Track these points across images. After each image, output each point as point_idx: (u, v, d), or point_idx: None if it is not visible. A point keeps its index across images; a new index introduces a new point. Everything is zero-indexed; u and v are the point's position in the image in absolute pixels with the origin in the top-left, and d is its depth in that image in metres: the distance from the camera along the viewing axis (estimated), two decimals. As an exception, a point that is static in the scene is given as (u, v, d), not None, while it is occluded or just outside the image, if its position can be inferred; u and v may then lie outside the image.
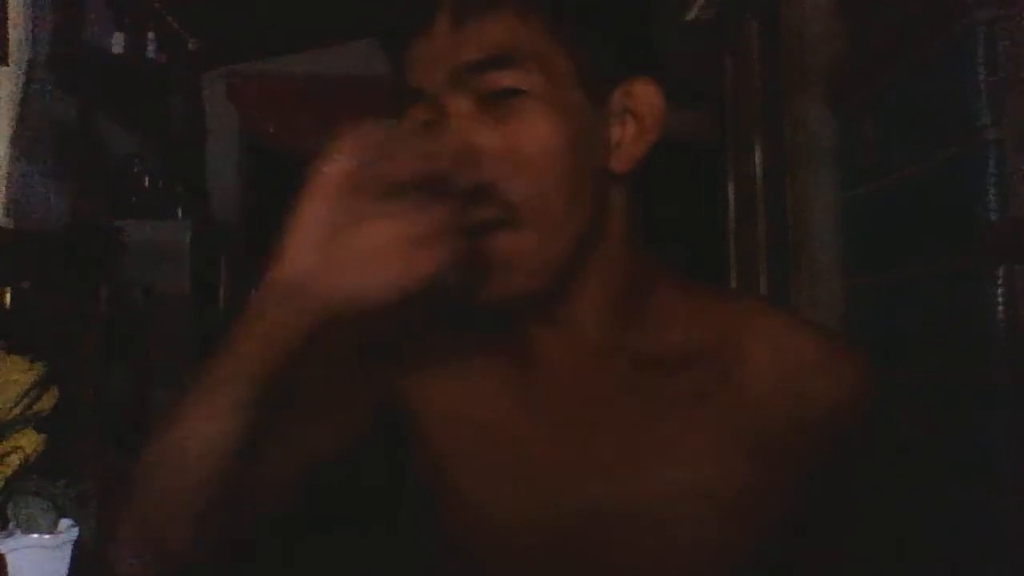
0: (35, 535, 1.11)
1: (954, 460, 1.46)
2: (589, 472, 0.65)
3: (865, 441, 0.66)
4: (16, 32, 2.11)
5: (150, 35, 2.77)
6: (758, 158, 2.47)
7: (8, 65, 2.08)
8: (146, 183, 2.85)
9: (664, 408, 0.65)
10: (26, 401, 1.16)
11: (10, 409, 1.13)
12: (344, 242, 0.55)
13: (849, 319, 1.92)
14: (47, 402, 1.19)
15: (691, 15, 2.92)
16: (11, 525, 1.13)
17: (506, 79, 0.60)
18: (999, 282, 1.33)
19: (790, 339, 0.66)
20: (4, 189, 2.06)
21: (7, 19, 2.07)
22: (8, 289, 1.74)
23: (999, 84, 1.35)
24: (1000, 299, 1.32)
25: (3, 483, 1.11)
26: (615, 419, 0.66)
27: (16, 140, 2.11)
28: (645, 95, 0.65)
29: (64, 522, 1.15)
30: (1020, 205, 1.32)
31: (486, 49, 0.60)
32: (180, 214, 2.87)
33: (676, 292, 0.69)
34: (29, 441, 1.14)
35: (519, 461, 0.67)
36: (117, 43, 2.61)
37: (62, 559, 1.12)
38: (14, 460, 1.11)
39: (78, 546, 1.15)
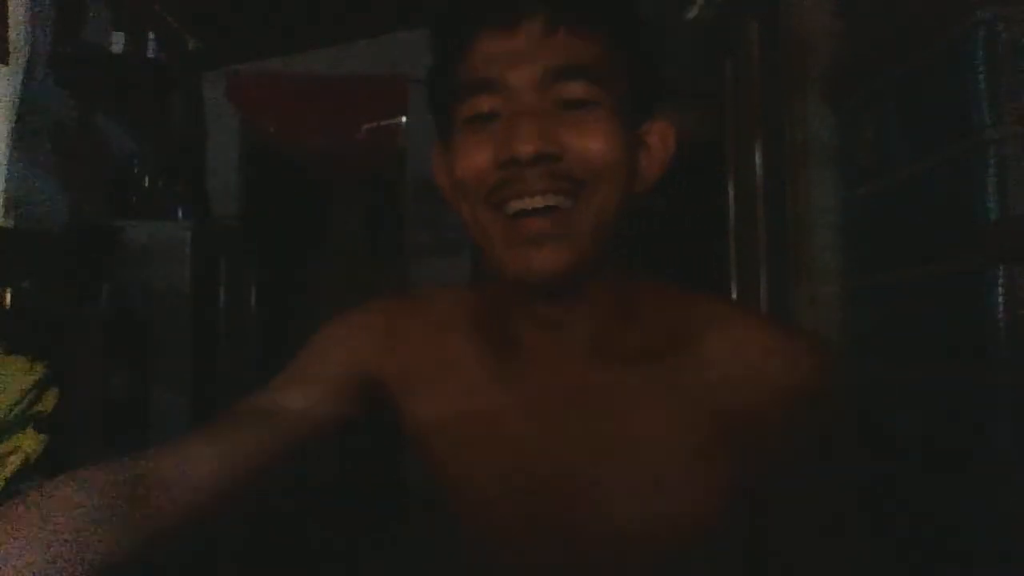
0: (35, 535, 1.11)
1: (955, 460, 1.46)
2: (567, 451, 0.75)
3: (822, 421, 0.74)
4: (16, 32, 2.11)
5: (150, 35, 2.77)
6: (758, 158, 2.47)
7: (8, 65, 2.08)
8: (146, 183, 2.84)
9: (638, 396, 0.75)
10: (26, 401, 1.16)
11: (10, 409, 1.13)
12: None
13: (849, 319, 1.93)
14: (47, 402, 1.19)
15: (691, 15, 2.92)
16: (11, 525, 1.12)
17: (587, 90, 0.70)
18: (999, 282, 1.33)
19: (747, 331, 0.75)
20: (4, 189, 2.06)
21: (7, 19, 2.07)
22: (8, 289, 1.74)
23: (999, 84, 1.35)
24: (1000, 299, 1.33)
25: (3, 483, 1.11)
26: (593, 405, 0.75)
27: (16, 140, 2.11)
28: (665, 134, 0.77)
29: (64, 522, 1.14)
30: (1020, 205, 1.32)
31: (577, 59, 0.69)
32: (180, 214, 2.86)
33: (649, 292, 0.79)
34: (29, 441, 1.14)
35: (501, 440, 0.77)
36: (117, 43, 2.61)
37: (62, 559, 1.12)
38: (15, 460, 1.12)
39: (78, 546, 1.14)
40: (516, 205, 0.70)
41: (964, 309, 1.42)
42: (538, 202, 0.69)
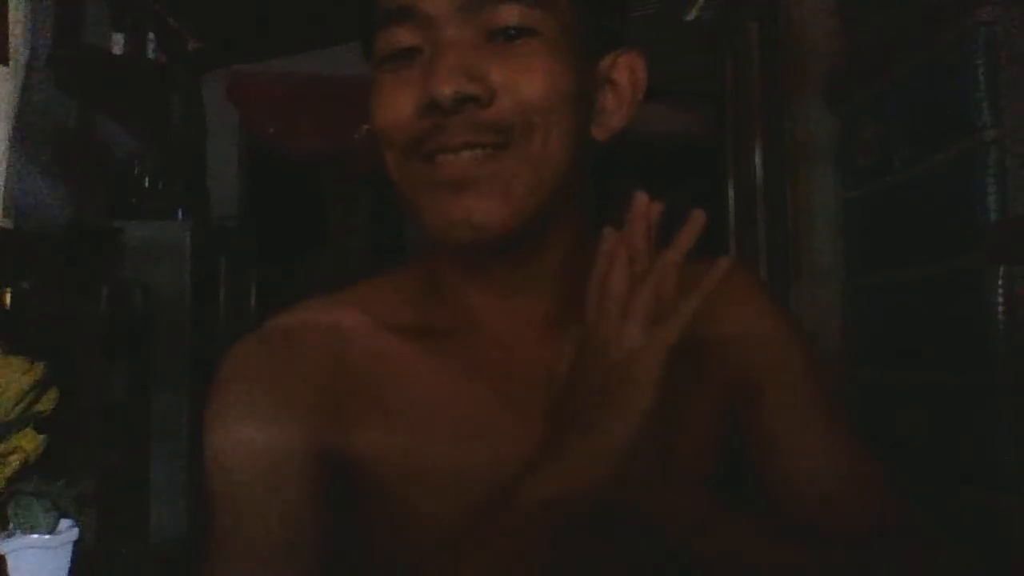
0: (35, 535, 1.11)
1: (955, 460, 1.46)
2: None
3: (782, 327, 0.71)
4: (16, 32, 2.11)
5: (150, 35, 2.77)
6: (758, 158, 2.47)
7: (8, 65, 2.08)
8: (146, 183, 2.84)
9: None
10: (26, 401, 1.16)
11: (10, 409, 1.13)
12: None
13: (849, 319, 1.93)
14: (47, 402, 1.19)
15: (691, 15, 2.92)
16: (11, 525, 1.12)
17: (518, 15, 0.58)
18: (999, 282, 1.33)
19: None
20: (4, 189, 2.06)
21: (7, 19, 2.06)
22: (8, 289, 1.73)
23: (999, 84, 1.35)
24: (1000, 299, 1.33)
25: (3, 483, 1.11)
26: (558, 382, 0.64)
27: (16, 140, 2.11)
28: (632, 66, 0.65)
29: (64, 522, 1.15)
30: (1020, 205, 1.32)
31: None
32: (180, 214, 2.87)
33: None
34: (29, 441, 1.14)
35: (465, 444, 0.64)
36: (117, 43, 2.61)
37: (62, 559, 1.12)
38: (14, 460, 1.11)
39: (78, 546, 1.15)
40: (440, 160, 0.59)
41: (964, 309, 1.42)
42: (463, 157, 0.59)
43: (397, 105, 0.60)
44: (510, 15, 0.58)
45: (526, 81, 0.58)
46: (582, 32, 0.61)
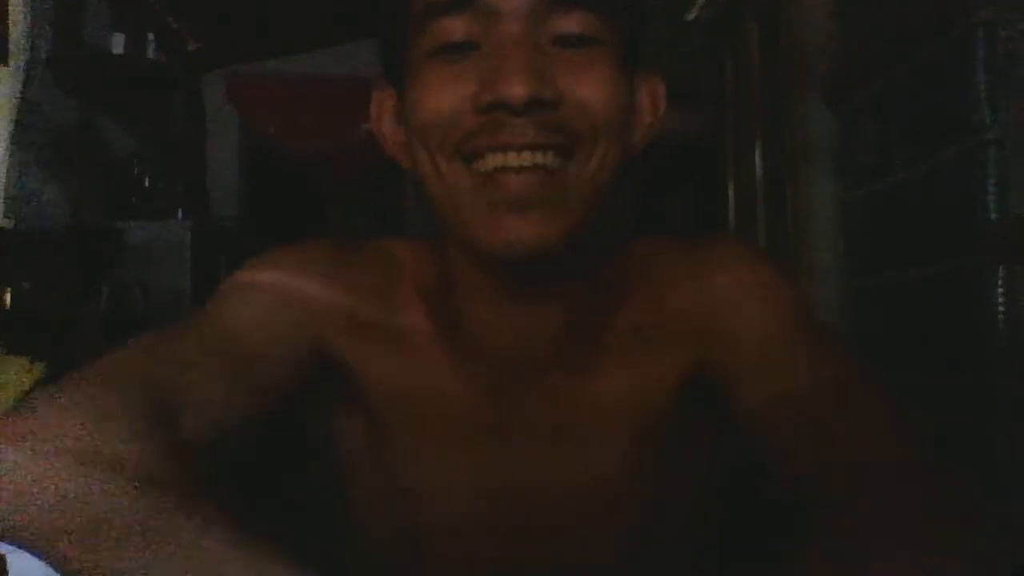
0: (35, 535, 1.11)
1: (955, 461, 1.46)
2: (537, 442, 0.64)
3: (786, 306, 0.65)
4: (16, 32, 2.11)
5: (150, 35, 2.77)
6: (758, 158, 2.47)
7: (8, 65, 2.08)
8: (146, 183, 2.84)
9: (612, 384, 0.64)
10: (26, 401, 1.16)
11: (10, 409, 1.14)
12: None
13: (849, 319, 1.93)
14: (47, 402, 1.19)
15: (691, 15, 2.92)
16: (11, 525, 1.12)
17: (587, 23, 0.57)
18: (999, 282, 1.33)
19: (686, 264, 0.68)
20: (4, 189, 2.06)
21: (7, 19, 2.07)
22: (8, 289, 1.74)
23: (999, 84, 1.35)
24: (1000, 299, 1.33)
25: (3, 483, 1.11)
26: (561, 402, 0.65)
27: (16, 140, 2.11)
28: (655, 93, 0.65)
29: (64, 522, 1.14)
30: (1020, 205, 1.32)
31: None
32: (180, 214, 2.87)
33: (630, 255, 0.70)
34: (29, 441, 1.14)
35: (456, 434, 0.65)
36: (117, 43, 2.61)
37: (62, 559, 1.12)
38: (14, 460, 1.11)
39: (78, 546, 1.14)
40: (496, 160, 0.57)
41: (964, 309, 1.42)
42: (525, 159, 0.56)
43: (448, 98, 0.57)
44: (576, 21, 0.57)
45: (591, 90, 0.57)
46: (627, 47, 0.61)
